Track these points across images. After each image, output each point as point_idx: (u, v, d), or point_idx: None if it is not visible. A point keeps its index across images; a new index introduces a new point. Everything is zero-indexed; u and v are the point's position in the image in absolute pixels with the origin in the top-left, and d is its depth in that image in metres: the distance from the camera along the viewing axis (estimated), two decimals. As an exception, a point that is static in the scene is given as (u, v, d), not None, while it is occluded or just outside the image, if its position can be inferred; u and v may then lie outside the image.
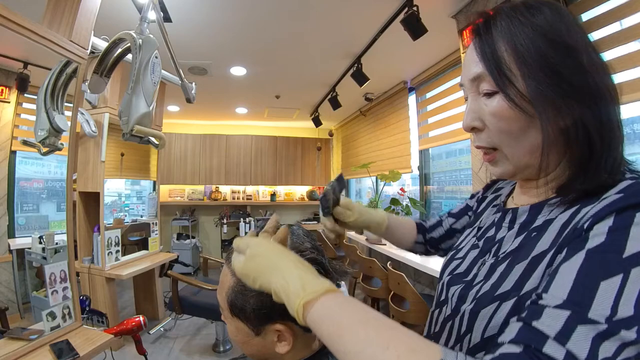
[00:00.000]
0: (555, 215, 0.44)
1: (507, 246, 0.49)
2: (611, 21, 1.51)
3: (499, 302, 0.43)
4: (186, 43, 2.49)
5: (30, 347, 1.22)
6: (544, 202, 0.48)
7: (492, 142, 0.48)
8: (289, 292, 0.39)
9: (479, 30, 0.47)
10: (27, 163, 1.83)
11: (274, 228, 0.54)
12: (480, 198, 0.72)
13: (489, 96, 0.46)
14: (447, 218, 0.79)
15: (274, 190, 5.61)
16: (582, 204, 0.41)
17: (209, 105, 4.41)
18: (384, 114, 3.86)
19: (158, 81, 1.35)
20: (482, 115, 0.47)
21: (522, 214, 0.50)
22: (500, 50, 0.44)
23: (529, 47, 0.42)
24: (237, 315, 0.52)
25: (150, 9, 1.44)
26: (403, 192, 3.31)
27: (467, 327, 0.47)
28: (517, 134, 0.45)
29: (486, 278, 0.48)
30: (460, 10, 2.02)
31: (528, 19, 0.43)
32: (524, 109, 0.42)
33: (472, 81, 0.47)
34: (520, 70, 0.42)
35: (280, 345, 0.52)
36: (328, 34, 2.40)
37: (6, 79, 1.68)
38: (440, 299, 0.57)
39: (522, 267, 0.43)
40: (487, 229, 0.58)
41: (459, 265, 0.58)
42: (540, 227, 0.45)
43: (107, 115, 2.47)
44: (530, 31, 0.43)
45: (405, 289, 2.05)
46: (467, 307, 0.48)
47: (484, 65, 0.45)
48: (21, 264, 1.65)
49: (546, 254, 0.41)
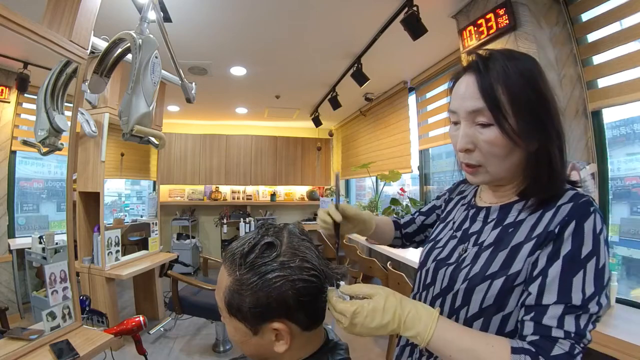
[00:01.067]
0: (524, 216, 0.59)
1: (486, 237, 0.63)
2: (611, 21, 1.51)
3: (490, 280, 0.57)
4: (186, 43, 2.49)
5: (30, 347, 1.22)
6: (511, 205, 0.63)
7: (479, 162, 0.59)
8: (421, 319, 0.52)
9: (479, 68, 0.57)
10: (27, 163, 1.83)
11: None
12: (447, 199, 0.86)
13: (483, 126, 0.57)
14: (419, 216, 0.93)
15: (274, 190, 5.61)
16: (544, 210, 0.57)
17: (209, 105, 4.41)
18: (384, 114, 3.86)
19: (158, 81, 1.36)
20: (475, 141, 0.58)
21: (493, 212, 0.65)
22: (498, 92, 0.55)
23: (520, 92, 0.55)
24: (234, 315, 0.52)
25: (150, 9, 1.44)
26: (403, 192, 3.31)
27: (462, 301, 0.60)
28: (502, 157, 0.58)
29: (473, 262, 0.61)
30: (460, 10, 2.02)
31: (518, 67, 0.56)
32: (513, 139, 0.55)
33: (469, 113, 0.58)
34: (513, 110, 0.55)
35: (279, 344, 0.52)
36: (328, 34, 2.40)
37: (6, 79, 1.68)
38: (425, 282, 0.70)
39: (505, 254, 0.58)
40: (461, 222, 0.71)
41: (440, 252, 0.70)
42: (515, 224, 0.60)
43: (107, 115, 2.47)
44: (520, 79, 0.55)
45: (405, 289, 2.05)
46: (460, 286, 0.60)
47: (485, 102, 0.55)
48: (21, 264, 1.66)
49: (523, 245, 0.56)
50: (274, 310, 0.50)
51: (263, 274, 0.50)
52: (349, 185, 5.63)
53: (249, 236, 0.55)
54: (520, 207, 0.61)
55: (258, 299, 0.50)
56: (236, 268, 0.52)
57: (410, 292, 0.79)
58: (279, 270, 0.50)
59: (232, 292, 0.52)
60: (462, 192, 0.82)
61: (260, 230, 0.56)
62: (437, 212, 0.90)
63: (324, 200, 4.75)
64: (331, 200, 0.78)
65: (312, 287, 0.52)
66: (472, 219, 0.69)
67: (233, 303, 0.52)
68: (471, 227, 0.68)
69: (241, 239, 0.55)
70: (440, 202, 0.89)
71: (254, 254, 0.51)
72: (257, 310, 0.50)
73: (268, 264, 0.51)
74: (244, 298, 0.50)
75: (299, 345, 0.55)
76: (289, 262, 0.51)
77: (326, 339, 0.60)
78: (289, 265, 0.51)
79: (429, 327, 0.51)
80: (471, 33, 1.88)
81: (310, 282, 0.52)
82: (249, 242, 0.53)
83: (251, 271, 0.51)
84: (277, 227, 0.57)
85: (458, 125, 0.61)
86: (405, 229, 0.94)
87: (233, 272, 0.52)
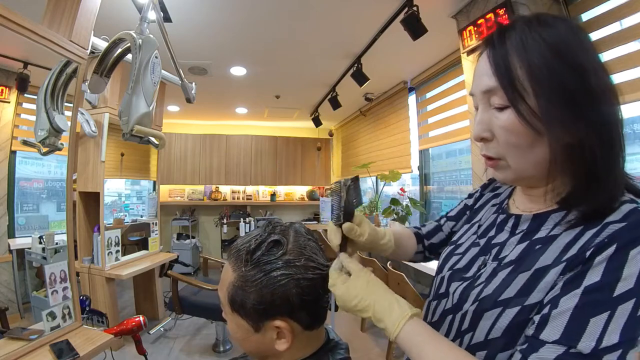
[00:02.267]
0: (559, 232, 0.46)
1: (509, 252, 0.51)
2: (611, 21, 1.51)
3: (503, 307, 0.46)
4: (186, 43, 2.49)
5: (30, 347, 1.22)
6: (547, 214, 0.50)
7: (498, 153, 0.49)
8: (392, 313, 0.47)
9: (493, 42, 0.48)
10: (27, 163, 1.83)
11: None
12: (478, 196, 0.73)
13: (500, 110, 0.47)
14: (446, 222, 0.78)
15: (274, 190, 5.61)
16: (586, 227, 0.43)
17: (209, 105, 4.41)
18: (384, 114, 3.86)
19: (158, 81, 1.35)
20: (491, 127, 0.48)
21: (524, 222, 0.52)
22: (514, 66, 0.44)
23: (542, 65, 0.43)
24: (237, 311, 0.53)
25: (150, 9, 1.44)
26: (403, 192, 3.31)
27: (469, 325, 0.50)
28: (524, 148, 0.46)
29: (488, 281, 0.50)
30: (460, 10, 2.02)
31: (542, 35, 0.44)
32: (533, 126, 0.44)
33: (484, 93, 0.48)
34: (533, 88, 0.43)
35: (280, 342, 0.52)
36: (328, 34, 2.40)
37: (6, 79, 1.68)
38: (439, 292, 0.60)
39: (525, 277, 0.46)
40: (487, 228, 0.60)
41: (458, 260, 0.60)
42: (545, 240, 0.47)
43: (107, 115, 2.47)
44: (544, 49, 0.43)
45: (405, 289, 2.05)
46: (469, 307, 0.50)
47: (497, 79, 0.46)
48: (21, 264, 1.65)
49: (549, 269, 0.44)
50: (277, 308, 0.50)
51: (268, 271, 0.50)
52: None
53: (255, 233, 0.55)
54: (558, 219, 0.48)
55: (262, 296, 0.50)
56: (242, 264, 0.52)
57: (409, 292, 0.78)
58: (285, 269, 0.50)
59: (236, 288, 0.52)
60: (495, 190, 0.69)
61: (267, 228, 0.56)
62: (467, 212, 0.74)
63: (323, 200, 4.75)
64: (331, 213, 0.58)
65: (316, 287, 0.52)
66: (499, 227, 0.57)
67: (237, 299, 0.52)
68: (496, 236, 0.56)
69: (247, 236, 0.56)
70: (471, 201, 0.74)
71: (260, 251, 0.52)
72: (260, 307, 0.50)
73: (274, 261, 0.51)
74: (248, 294, 0.51)
75: (300, 345, 0.55)
76: (295, 261, 0.51)
77: (327, 338, 0.60)
78: (294, 264, 0.51)
79: (397, 324, 0.46)
80: (471, 33, 1.89)
81: (315, 282, 0.52)
82: (255, 239, 0.53)
83: (256, 268, 0.51)
84: (283, 226, 0.57)
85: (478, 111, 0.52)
86: (429, 239, 0.79)
87: (238, 268, 0.52)
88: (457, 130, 2.65)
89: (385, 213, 3.24)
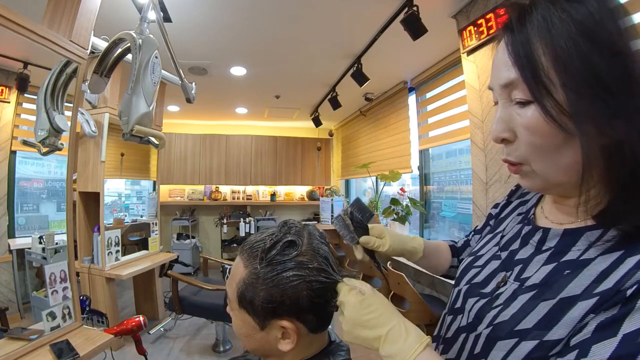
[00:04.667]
0: (593, 255, 0.39)
1: (533, 273, 0.44)
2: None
3: (518, 339, 0.40)
4: (186, 43, 2.49)
5: (30, 347, 1.22)
6: (581, 231, 0.42)
7: (522, 157, 0.42)
8: (407, 337, 0.43)
9: (512, 27, 0.40)
10: (27, 163, 1.83)
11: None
12: (504, 204, 0.66)
13: (522, 105, 0.40)
14: (474, 236, 0.74)
15: (274, 190, 5.61)
16: (627, 252, 0.36)
17: (209, 105, 4.41)
18: (384, 114, 3.86)
19: (158, 81, 1.35)
20: (513, 126, 0.42)
21: (553, 237, 0.45)
22: (537, 53, 0.37)
23: (571, 51, 0.36)
24: (244, 307, 0.53)
25: (150, 9, 1.44)
26: (403, 192, 3.31)
27: (482, 350, 0.45)
28: (550, 151, 0.39)
29: (506, 304, 0.44)
30: (460, 10, 2.02)
31: (570, 14, 0.36)
32: (562, 124, 0.37)
33: (503, 87, 0.42)
34: (560, 79, 0.36)
35: (284, 342, 0.52)
36: (328, 34, 2.40)
37: (6, 79, 1.67)
38: (455, 306, 0.55)
39: (548, 307, 0.39)
40: (510, 240, 0.53)
41: (477, 274, 0.54)
42: (576, 265, 0.40)
43: (107, 115, 2.47)
44: (572, 31, 0.36)
45: (405, 289, 2.05)
46: (484, 330, 0.45)
47: (517, 70, 0.39)
48: (21, 264, 1.65)
49: (576, 301, 0.36)
50: (285, 308, 0.50)
51: (281, 271, 0.51)
52: (349, 186, 5.63)
53: (271, 232, 0.56)
54: (593, 238, 0.40)
55: (272, 295, 0.50)
56: (255, 261, 0.52)
57: (409, 292, 0.78)
58: (297, 270, 0.51)
59: (247, 285, 0.52)
60: (523, 196, 0.61)
61: (283, 228, 0.56)
62: (490, 222, 0.68)
63: (323, 200, 4.75)
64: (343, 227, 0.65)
65: (326, 290, 0.52)
66: (524, 240, 0.50)
67: (246, 295, 0.52)
68: (520, 250, 0.49)
69: (261, 234, 0.56)
70: (498, 210, 0.67)
71: (275, 250, 0.52)
72: (269, 305, 0.50)
73: (287, 262, 0.51)
74: (258, 292, 0.51)
75: (303, 346, 0.55)
76: (308, 263, 0.52)
77: (329, 340, 0.60)
78: (307, 266, 0.51)
79: (414, 350, 0.42)
80: (471, 33, 1.88)
81: (325, 285, 0.52)
82: (270, 238, 0.54)
83: (269, 266, 0.51)
84: (298, 227, 0.57)
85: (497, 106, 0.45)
86: (461, 254, 0.76)
87: (251, 264, 0.53)
88: (457, 130, 2.65)
89: (385, 213, 3.24)
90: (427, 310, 2.00)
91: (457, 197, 2.95)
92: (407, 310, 2.03)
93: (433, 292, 2.76)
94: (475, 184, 2.00)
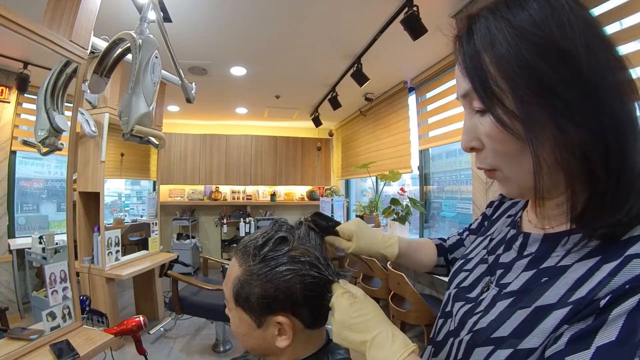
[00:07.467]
0: (570, 261, 0.38)
1: (513, 279, 0.44)
2: (611, 21, 1.51)
3: (494, 347, 0.39)
4: (186, 43, 2.49)
5: (30, 347, 1.22)
6: (560, 236, 0.41)
7: (491, 164, 0.42)
8: (393, 343, 0.43)
9: (462, 39, 0.41)
10: (27, 163, 1.83)
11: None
12: (497, 204, 0.65)
13: (482, 114, 0.40)
14: (468, 235, 0.73)
15: (274, 190, 5.61)
16: (604, 258, 0.35)
17: (209, 105, 4.41)
18: (384, 114, 3.86)
19: (158, 81, 1.35)
20: (479, 135, 0.42)
21: (533, 243, 0.45)
22: (485, 63, 0.37)
23: (511, 58, 0.35)
24: (241, 305, 0.54)
25: (150, 9, 1.44)
26: (403, 192, 3.31)
27: (462, 357, 0.45)
28: (515, 156, 0.39)
29: (486, 311, 0.44)
30: (460, 11, 2.02)
31: (509, 21, 0.36)
32: (514, 131, 0.36)
33: (463, 97, 0.43)
34: (508, 86, 0.36)
35: (280, 339, 0.53)
36: (328, 34, 2.40)
37: (6, 79, 1.67)
38: (445, 309, 0.55)
39: (523, 315, 0.39)
40: (498, 244, 0.53)
41: (465, 278, 0.54)
42: (553, 272, 0.39)
43: (107, 115, 2.47)
44: (512, 37, 0.35)
45: (405, 289, 2.05)
46: (465, 336, 0.45)
47: (469, 81, 0.40)
48: (21, 264, 1.65)
49: (552, 310, 0.36)
50: (280, 303, 0.51)
51: (274, 266, 0.52)
52: (349, 186, 5.63)
53: (263, 230, 0.57)
54: (571, 244, 0.39)
55: (267, 290, 0.51)
56: (248, 259, 0.54)
57: (409, 292, 0.78)
58: (290, 264, 0.52)
59: (242, 283, 0.53)
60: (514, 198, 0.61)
61: (274, 226, 0.58)
62: (485, 223, 0.67)
63: (323, 200, 4.75)
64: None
65: (319, 284, 0.53)
66: (508, 244, 0.50)
67: (242, 293, 0.53)
68: (503, 254, 0.49)
69: (254, 234, 0.58)
70: (490, 210, 0.67)
71: (268, 247, 0.53)
72: (264, 301, 0.51)
73: (280, 257, 0.53)
74: (253, 288, 0.52)
75: (300, 344, 0.55)
76: (300, 257, 0.53)
77: (327, 339, 0.61)
78: (299, 260, 0.53)
79: (399, 355, 0.42)
80: (471, 33, 1.88)
81: (318, 279, 0.53)
82: (262, 236, 0.55)
83: (262, 263, 0.52)
84: (290, 225, 0.59)
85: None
86: (452, 253, 0.75)
87: (245, 262, 0.54)
88: (457, 130, 2.65)
89: (385, 213, 3.24)
90: (427, 310, 2.00)
91: (457, 197, 2.95)
92: (407, 310, 2.03)
93: (433, 292, 2.77)
94: (475, 184, 2.00)
